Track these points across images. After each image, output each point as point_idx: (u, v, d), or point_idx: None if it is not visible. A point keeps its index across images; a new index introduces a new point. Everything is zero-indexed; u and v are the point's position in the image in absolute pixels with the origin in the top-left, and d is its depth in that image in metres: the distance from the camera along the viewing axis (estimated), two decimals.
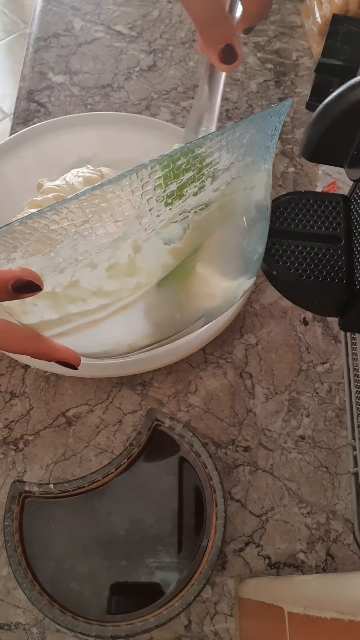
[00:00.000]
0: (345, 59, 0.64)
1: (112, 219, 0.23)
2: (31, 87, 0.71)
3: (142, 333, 0.30)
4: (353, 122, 0.31)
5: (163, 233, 0.25)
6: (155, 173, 0.22)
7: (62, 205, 0.21)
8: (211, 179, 0.25)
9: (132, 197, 0.22)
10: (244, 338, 0.55)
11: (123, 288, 0.26)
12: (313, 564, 0.45)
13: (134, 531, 0.42)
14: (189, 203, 0.25)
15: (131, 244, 0.25)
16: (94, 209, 0.22)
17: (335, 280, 0.34)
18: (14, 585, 0.43)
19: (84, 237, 0.23)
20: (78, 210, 0.22)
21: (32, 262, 0.24)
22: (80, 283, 0.26)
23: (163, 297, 0.28)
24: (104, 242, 0.24)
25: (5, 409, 0.50)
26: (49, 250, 0.24)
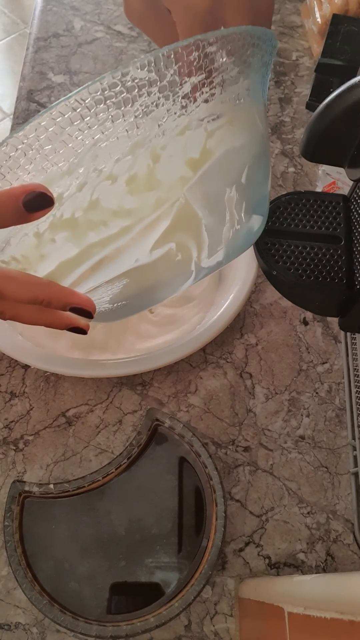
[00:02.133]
0: (345, 59, 0.64)
1: (132, 116, 0.23)
2: (31, 87, 0.71)
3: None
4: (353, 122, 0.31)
5: (179, 140, 0.25)
6: (171, 64, 0.22)
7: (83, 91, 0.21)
8: (220, 88, 0.25)
9: (149, 90, 0.22)
10: (244, 338, 0.55)
11: (144, 205, 0.25)
12: (313, 564, 0.45)
13: (134, 531, 0.42)
14: (202, 110, 0.25)
15: (150, 151, 0.24)
16: (114, 100, 0.22)
17: (335, 280, 0.34)
18: (14, 585, 0.43)
19: (106, 137, 0.23)
20: (100, 100, 0.22)
21: (51, 179, 0.23)
22: (100, 202, 0.24)
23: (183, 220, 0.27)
24: (124, 147, 0.23)
25: (5, 409, 0.50)
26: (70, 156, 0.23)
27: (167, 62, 0.22)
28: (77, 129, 0.22)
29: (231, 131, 0.27)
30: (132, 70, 0.21)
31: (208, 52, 0.23)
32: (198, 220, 0.27)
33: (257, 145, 0.29)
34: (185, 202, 0.26)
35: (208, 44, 0.23)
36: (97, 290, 0.28)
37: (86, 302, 0.27)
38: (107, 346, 0.51)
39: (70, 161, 0.23)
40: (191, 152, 0.25)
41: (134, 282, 0.29)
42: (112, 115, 0.22)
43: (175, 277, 0.30)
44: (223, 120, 0.26)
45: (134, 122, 0.23)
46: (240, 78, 0.26)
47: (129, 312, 0.32)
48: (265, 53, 0.27)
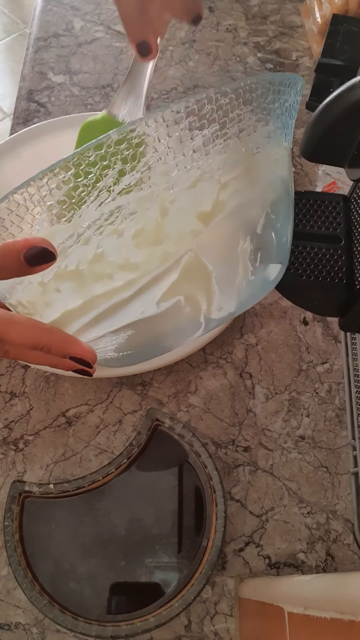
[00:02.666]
0: (345, 59, 0.64)
1: (138, 173, 0.22)
2: (31, 87, 0.71)
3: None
4: (353, 122, 0.31)
5: (190, 194, 0.24)
6: (181, 118, 0.22)
7: (87, 150, 0.20)
8: (236, 137, 0.24)
9: (157, 144, 0.22)
10: (244, 338, 0.55)
11: (150, 258, 0.25)
12: (313, 564, 0.45)
13: (134, 531, 0.42)
14: (215, 162, 0.24)
15: (158, 205, 0.24)
16: (119, 157, 0.21)
17: (335, 280, 0.34)
18: (14, 585, 0.43)
19: (109, 194, 0.22)
20: (104, 158, 0.21)
21: (55, 232, 0.23)
22: (105, 255, 0.24)
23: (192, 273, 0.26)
24: (130, 202, 0.23)
25: (5, 409, 0.50)
26: (73, 213, 0.22)
27: (176, 117, 0.22)
28: (80, 184, 0.22)
29: (247, 181, 0.26)
30: (139, 126, 0.21)
31: (222, 104, 0.23)
32: (208, 273, 0.26)
33: (276, 191, 0.28)
34: (195, 255, 0.25)
35: (222, 96, 0.23)
36: (102, 339, 0.28)
37: (86, 353, 0.27)
38: None
39: (74, 217, 0.23)
40: (202, 205, 0.25)
41: (140, 333, 0.28)
42: (117, 170, 0.22)
43: (184, 328, 0.29)
44: (238, 170, 0.25)
45: (140, 178, 0.23)
46: (259, 126, 0.25)
47: (136, 360, 0.31)
48: (289, 97, 0.27)
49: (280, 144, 0.28)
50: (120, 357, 0.30)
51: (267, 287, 0.31)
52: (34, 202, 0.22)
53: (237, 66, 0.75)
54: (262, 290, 0.31)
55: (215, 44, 0.77)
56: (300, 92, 0.27)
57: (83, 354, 0.27)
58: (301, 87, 0.27)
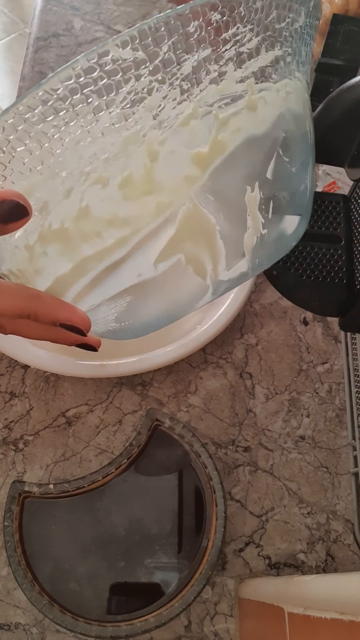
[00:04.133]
0: (345, 59, 0.64)
1: (119, 109, 0.19)
2: (31, 87, 0.71)
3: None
4: (353, 122, 0.31)
5: (182, 132, 0.21)
6: (162, 39, 0.18)
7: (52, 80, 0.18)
8: (233, 63, 0.21)
9: (137, 73, 0.19)
10: (244, 338, 0.55)
11: (142, 213, 0.22)
12: (313, 564, 0.45)
13: (134, 531, 0.42)
14: (209, 93, 0.21)
15: (145, 147, 0.20)
16: (93, 88, 0.18)
17: (335, 280, 0.34)
18: (13, 585, 0.43)
19: (88, 134, 0.19)
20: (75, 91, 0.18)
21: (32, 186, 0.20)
22: (91, 210, 0.21)
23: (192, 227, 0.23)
24: (113, 144, 0.20)
25: (5, 409, 0.50)
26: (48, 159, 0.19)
27: (156, 36, 0.18)
28: (51, 125, 0.19)
29: (251, 117, 0.22)
30: (112, 49, 0.18)
31: (212, 20, 0.19)
32: (211, 226, 0.23)
33: (288, 130, 0.24)
34: (193, 206, 0.22)
35: (211, 9, 0.19)
36: (100, 309, 0.25)
37: (76, 318, 0.24)
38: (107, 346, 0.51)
39: (50, 164, 0.20)
40: (198, 145, 0.21)
41: (140, 299, 0.25)
42: (94, 106, 0.19)
43: (188, 292, 0.26)
44: (240, 104, 0.22)
45: (122, 113, 0.19)
46: (262, 50, 0.21)
47: (141, 331, 0.28)
48: (298, 17, 0.22)
49: (291, 73, 0.23)
50: (124, 328, 0.27)
51: (285, 243, 0.27)
52: (3, 148, 0.19)
53: None
54: (278, 247, 0.27)
55: None
56: (314, 15, 0.23)
57: (73, 319, 0.24)
58: (314, 6, 0.23)
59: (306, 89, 0.25)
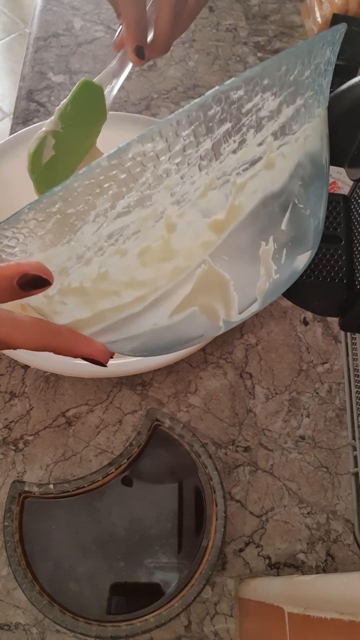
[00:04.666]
0: (345, 59, 0.64)
1: (137, 193, 0.20)
2: (31, 87, 0.71)
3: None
4: (353, 122, 0.31)
5: (200, 204, 0.21)
6: (183, 128, 0.18)
7: (73, 182, 0.18)
8: (254, 130, 0.21)
9: (157, 163, 0.19)
10: (244, 338, 0.55)
11: (159, 275, 0.22)
12: (313, 564, 0.45)
13: (134, 531, 0.42)
14: (228, 163, 0.21)
15: (163, 221, 0.21)
16: (113, 183, 0.19)
17: (335, 280, 0.34)
18: (13, 585, 0.43)
19: (107, 219, 0.20)
20: (93, 187, 0.19)
21: (51, 256, 0.21)
22: (109, 274, 0.22)
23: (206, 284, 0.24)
24: (131, 224, 0.21)
25: (5, 409, 0.50)
26: (69, 239, 0.20)
27: (178, 128, 0.18)
28: (73, 216, 0.20)
29: (269, 176, 0.22)
30: (134, 147, 0.18)
31: (234, 100, 0.19)
32: (225, 282, 0.24)
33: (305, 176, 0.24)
34: (209, 266, 0.23)
35: (233, 91, 0.19)
36: (116, 344, 0.27)
37: (97, 354, 0.25)
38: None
39: (70, 243, 0.21)
40: (215, 213, 0.22)
41: (155, 339, 0.26)
42: (113, 195, 0.19)
43: (202, 331, 0.27)
44: (258, 166, 0.22)
45: (140, 198, 0.20)
46: (282, 108, 0.21)
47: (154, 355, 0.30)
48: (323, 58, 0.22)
49: (311, 113, 0.23)
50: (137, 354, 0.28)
51: (294, 278, 0.28)
52: (24, 234, 0.20)
53: (237, 66, 0.75)
54: (287, 283, 0.28)
55: (215, 44, 0.77)
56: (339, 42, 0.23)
57: (93, 354, 0.25)
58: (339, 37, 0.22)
59: (325, 119, 0.25)
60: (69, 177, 0.19)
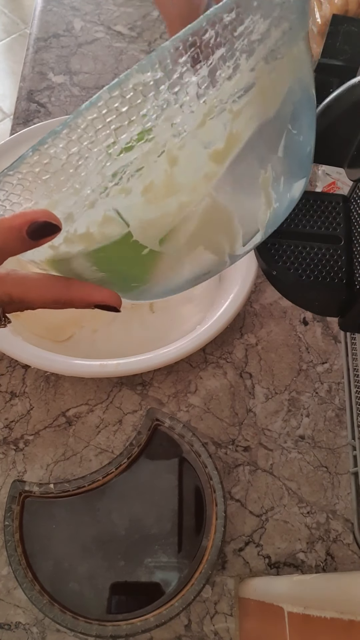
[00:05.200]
0: (345, 59, 0.64)
1: (140, 126, 0.20)
2: (31, 88, 0.71)
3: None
4: (353, 122, 0.31)
5: (200, 134, 0.21)
6: (180, 55, 0.18)
7: (77, 118, 0.18)
8: (246, 55, 0.20)
9: (157, 93, 0.19)
10: (244, 338, 0.55)
11: (165, 213, 0.22)
12: (313, 564, 0.45)
13: (134, 531, 0.42)
14: (224, 90, 0.20)
15: (165, 155, 0.21)
16: (115, 116, 0.19)
17: (335, 280, 0.34)
18: (14, 584, 0.43)
19: (110, 157, 0.20)
20: (97, 121, 0.19)
21: (57, 202, 0.21)
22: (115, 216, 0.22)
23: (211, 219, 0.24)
24: (134, 160, 0.21)
25: (5, 408, 0.50)
26: (73, 181, 0.20)
27: (175, 55, 0.18)
28: (77, 155, 0.20)
29: (263, 101, 0.22)
30: (134, 77, 0.18)
31: (226, 23, 0.19)
32: (229, 215, 0.24)
33: (296, 101, 0.24)
34: (212, 200, 0.23)
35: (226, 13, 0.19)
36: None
37: (109, 299, 0.25)
38: (108, 346, 0.52)
39: (75, 184, 0.21)
40: (215, 142, 0.22)
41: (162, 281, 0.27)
42: (116, 130, 0.19)
43: (207, 270, 0.27)
44: (252, 92, 0.22)
45: (141, 131, 0.20)
46: (271, 29, 0.21)
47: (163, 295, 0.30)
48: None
49: (297, 36, 0.23)
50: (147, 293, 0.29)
51: (292, 205, 0.28)
52: (29, 179, 0.20)
53: None
54: (286, 211, 0.28)
55: None
56: None
57: (106, 300, 0.25)
58: None
59: (308, 49, 0.25)
60: (72, 114, 0.19)
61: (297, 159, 0.26)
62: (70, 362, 0.48)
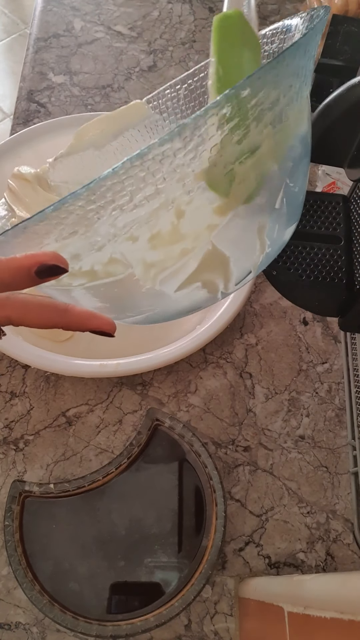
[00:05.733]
0: (345, 59, 0.64)
1: (154, 188, 0.21)
2: (31, 88, 0.71)
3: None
4: (353, 122, 0.31)
5: (208, 193, 0.23)
6: (200, 128, 0.20)
7: (99, 183, 0.20)
8: (256, 122, 0.22)
9: (173, 160, 0.20)
10: (244, 338, 0.55)
11: (168, 257, 0.24)
12: (313, 564, 0.45)
13: (134, 531, 0.42)
14: (232, 154, 0.22)
15: (173, 210, 0.23)
16: (133, 181, 0.20)
17: (335, 280, 0.34)
18: (14, 584, 0.43)
19: (123, 212, 0.21)
20: (116, 186, 0.20)
21: (67, 245, 0.22)
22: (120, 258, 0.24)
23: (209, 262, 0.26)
24: (145, 214, 0.22)
25: (5, 408, 0.50)
26: (85, 231, 0.22)
27: (195, 127, 0.19)
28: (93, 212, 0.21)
29: (267, 160, 0.24)
30: (155, 149, 0.19)
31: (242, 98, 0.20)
32: (226, 259, 0.26)
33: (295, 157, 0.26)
34: (212, 247, 0.25)
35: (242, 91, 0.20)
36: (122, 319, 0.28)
37: (105, 326, 0.26)
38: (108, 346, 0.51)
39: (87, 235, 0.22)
40: (220, 198, 0.24)
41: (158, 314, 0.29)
42: (131, 191, 0.21)
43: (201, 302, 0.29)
44: (257, 153, 0.23)
45: (156, 191, 0.21)
46: (280, 97, 0.22)
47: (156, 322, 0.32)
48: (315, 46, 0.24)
49: (302, 96, 0.25)
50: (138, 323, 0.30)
51: (282, 247, 0.31)
52: (47, 231, 0.22)
53: None
54: (276, 253, 0.30)
55: None
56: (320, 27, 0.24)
57: (102, 327, 0.26)
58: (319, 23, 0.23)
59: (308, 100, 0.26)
60: (93, 179, 0.20)
61: (292, 209, 0.28)
62: (70, 362, 0.48)
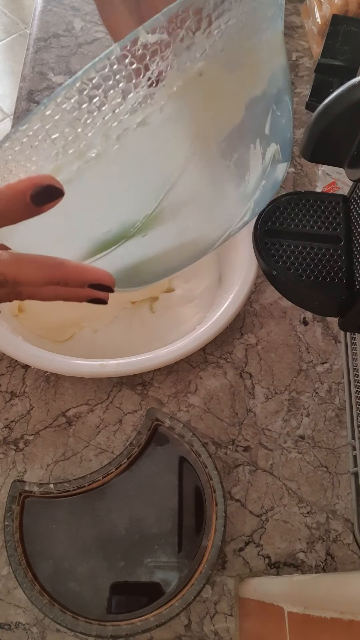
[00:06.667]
0: (345, 59, 0.64)
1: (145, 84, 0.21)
2: (31, 88, 0.71)
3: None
4: (353, 122, 0.31)
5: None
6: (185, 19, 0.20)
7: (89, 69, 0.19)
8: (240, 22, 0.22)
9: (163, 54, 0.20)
10: (244, 338, 0.55)
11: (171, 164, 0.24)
12: (313, 564, 0.45)
13: (134, 531, 0.42)
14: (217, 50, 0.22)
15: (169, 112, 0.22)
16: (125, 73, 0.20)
17: (335, 280, 0.34)
18: (14, 584, 0.43)
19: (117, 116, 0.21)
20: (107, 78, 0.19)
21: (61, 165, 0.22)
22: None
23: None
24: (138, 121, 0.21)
25: (5, 408, 0.50)
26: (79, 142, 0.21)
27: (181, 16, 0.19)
28: (85, 111, 0.20)
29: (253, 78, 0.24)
30: (142, 36, 0.19)
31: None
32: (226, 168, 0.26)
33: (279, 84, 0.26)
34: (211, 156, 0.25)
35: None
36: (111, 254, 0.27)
37: (104, 277, 0.25)
38: (108, 346, 0.52)
39: (80, 146, 0.21)
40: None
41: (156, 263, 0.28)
42: (123, 89, 0.20)
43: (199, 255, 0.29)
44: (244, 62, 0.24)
45: (148, 92, 0.20)
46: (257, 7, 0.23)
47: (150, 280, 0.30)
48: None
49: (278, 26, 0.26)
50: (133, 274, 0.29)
51: (276, 187, 0.30)
52: (38, 137, 0.20)
53: None
54: (271, 193, 0.30)
55: None
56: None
57: (100, 279, 0.25)
58: None
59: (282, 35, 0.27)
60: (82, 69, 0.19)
61: (281, 139, 0.28)
62: (70, 362, 0.48)
